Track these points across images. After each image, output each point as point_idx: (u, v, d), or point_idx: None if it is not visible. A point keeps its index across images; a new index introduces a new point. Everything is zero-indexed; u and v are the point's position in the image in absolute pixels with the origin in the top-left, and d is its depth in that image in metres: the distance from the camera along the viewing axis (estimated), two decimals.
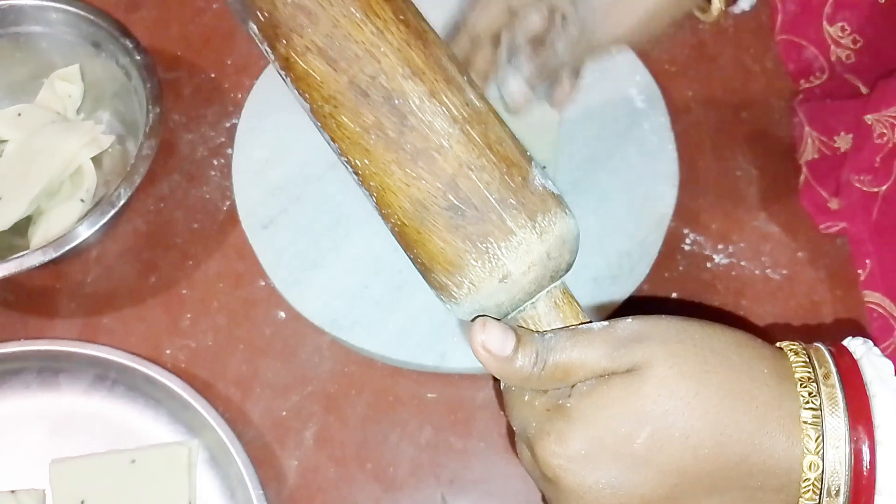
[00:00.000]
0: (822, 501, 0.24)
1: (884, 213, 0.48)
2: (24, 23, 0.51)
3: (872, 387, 0.24)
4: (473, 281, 0.27)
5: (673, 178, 0.48)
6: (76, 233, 0.44)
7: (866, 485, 0.23)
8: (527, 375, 0.27)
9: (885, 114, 0.49)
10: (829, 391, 0.24)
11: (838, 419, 0.23)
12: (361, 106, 0.27)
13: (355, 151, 0.28)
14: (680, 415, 0.25)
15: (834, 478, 0.23)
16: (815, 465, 0.24)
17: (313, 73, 0.28)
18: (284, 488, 0.44)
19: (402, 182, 0.27)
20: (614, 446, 0.25)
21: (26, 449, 0.45)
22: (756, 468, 0.24)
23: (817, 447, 0.24)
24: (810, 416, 0.24)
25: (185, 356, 0.47)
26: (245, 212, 0.48)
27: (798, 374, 0.25)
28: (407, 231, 0.28)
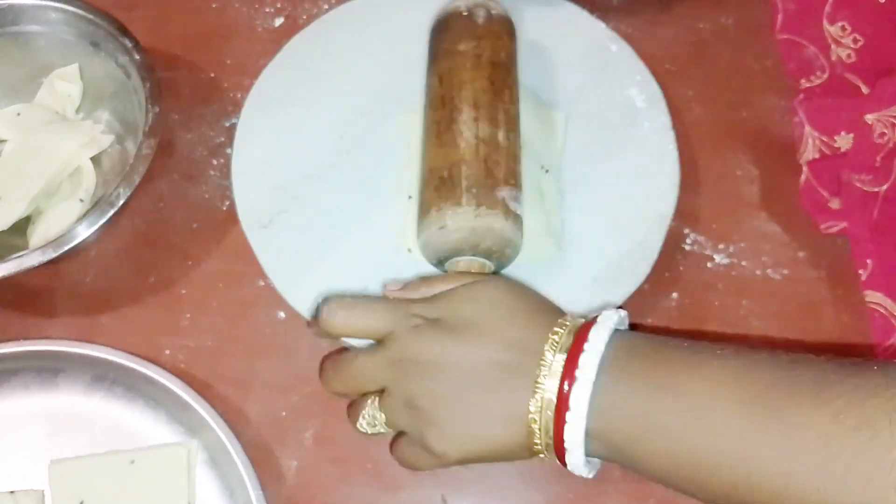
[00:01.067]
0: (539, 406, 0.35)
1: (884, 212, 0.48)
2: (22, 22, 0.51)
3: (586, 345, 0.34)
4: (429, 219, 0.42)
5: (673, 178, 0.48)
6: (75, 232, 0.44)
7: (564, 399, 0.34)
8: (421, 293, 0.40)
9: (885, 113, 0.49)
10: (557, 364, 0.35)
11: (559, 363, 0.34)
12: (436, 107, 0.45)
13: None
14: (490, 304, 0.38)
15: (548, 392, 0.34)
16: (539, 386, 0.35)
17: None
18: (284, 488, 0.44)
19: (432, 150, 0.45)
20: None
21: (25, 449, 0.44)
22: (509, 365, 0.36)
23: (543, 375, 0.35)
24: (540, 383, 0.35)
25: (184, 356, 0.47)
26: (244, 212, 0.48)
27: (549, 345, 0.35)
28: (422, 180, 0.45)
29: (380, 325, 0.38)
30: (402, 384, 0.37)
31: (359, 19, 0.53)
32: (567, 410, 0.33)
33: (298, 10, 0.56)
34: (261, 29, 0.56)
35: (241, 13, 0.56)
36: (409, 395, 0.37)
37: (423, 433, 0.37)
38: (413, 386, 0.37)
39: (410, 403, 0.37)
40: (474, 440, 0.36)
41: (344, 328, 0.39)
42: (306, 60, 0.52)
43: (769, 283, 0.49)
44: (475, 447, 0.36)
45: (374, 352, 0.39)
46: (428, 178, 0.44)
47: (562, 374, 0.34)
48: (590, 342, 0.34)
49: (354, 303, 0.40)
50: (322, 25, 0.53)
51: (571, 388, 0.33)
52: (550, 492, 0.44)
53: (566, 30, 0.52)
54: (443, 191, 0.42)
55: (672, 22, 0.56)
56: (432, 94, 0.46)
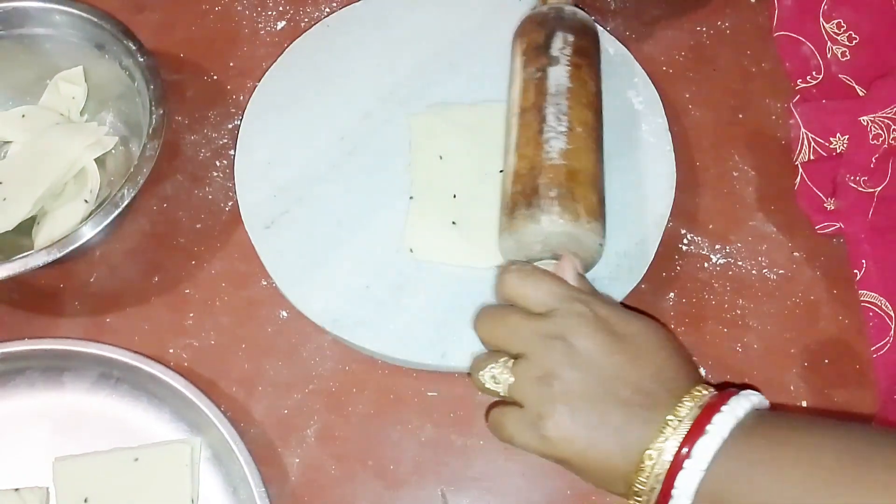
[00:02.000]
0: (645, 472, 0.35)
1: (880, 213, 0.49)
2: (28, 25, 0.51)
3: (724, 407, 0.34)
4: (523, 220, 0.42)
5: (671, 179, 0.49)
6: (80, 233, 0.44)
7: (687, 447, 0.34)
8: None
9: (879, 115, 0.50)
10: (690, 417, 0.35)
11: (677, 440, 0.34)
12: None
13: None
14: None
15: (673, 439, 0.34)
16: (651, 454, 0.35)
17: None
18: (287, 486, 0.45)
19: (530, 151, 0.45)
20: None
21: (30, 447, 0.45)
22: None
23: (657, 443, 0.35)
24: (668, 429, 0.35)
25: (189, 355, 0.47)
26: (248, 212, 0.48)
27: (689, 398, 0.35)
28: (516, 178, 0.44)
29: (548, 297, 0.38)
30: (546, 358, 0.37)
31: (361, 22, 0.54)
32: (687, 458, 0.33)
33: (301, 13, 0.57)
34: (264, 32, 0.56)
35: (244, 17, 0.57)
36: (548, 372, 0.36)
37: (544, 413, 0.36)
38: (556, 365, 0.36)
39: (546, 379, 0.36)
40: (588, 445, 0.35)
41: (513, 288, 0.39)
42: (309, 63, 0.53)
43: (766, 282, 0.49)
44: (584, 452, 0.36)
45: (534, 318, 0.38)
46: (526, 178, 0.43)
47: (693, 424, 0.34)
48: (729, 405, 0.34)
49: (533, 271, 0.40)
50: (324, 29, 0.54)
51: (698, 439, 0.34)
52: (550, 490, 0.45)
53: None
54: (543, 193, 0.42)
55: (670, 25, 0.56)
56: (525, 93, 0.46)
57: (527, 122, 0.45)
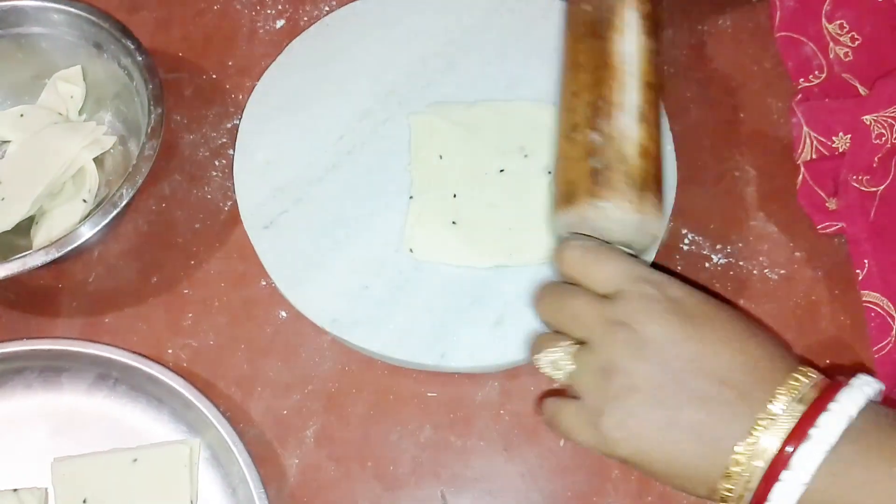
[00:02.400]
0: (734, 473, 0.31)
1: (882, 213, 0.49)
2: (25, 24, 0.51)
3: (832, 405, 0.30)
4: (586, 201, 0.39)
5: (671, 178, 0.49)
6: (78, 233, 0.44)
7: (784, 456, 0.30)
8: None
9: (882, 114, 0.49)
10: (789, 414, 0.30)
11: (776, 438, 0.30)
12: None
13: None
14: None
15: (766, 441, 0.30)
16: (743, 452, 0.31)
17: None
18: (285, 486, 0.45)
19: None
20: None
21: (28, 448, 0.45)
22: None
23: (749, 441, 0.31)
24: (760, 429, 0.30)
25: (187, 355, 0.47)
26: (246, 212, 0.48)
27: (785, 390, 0.31)
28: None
29: (612, 277, 0.35)
30: (610, 347, 0.33)
31: (360, 21, 0.54)
32: (785, 469, 0.29)
33: (300, 12, 0.57)
34: (262, 31, 0.56)
35: (243, 15, 0.57)
36: (611, 362, 0.33)
37: (605, 408, 0.32)
38: (620, 355, 0.32)
39: (609, 371, 0.33)
40: (657, 446, 0.32)
41: (574, 267, 0.36)
42: (308, 62, 0.52)
43: (767, 283, 0.49)
44: (652, 453, 0.32)
45: (598, 300, 0.35)
46: (592, 143, 0.40)
47: (792, 426, 0.30)
48: (838, 402, 0.29)
49: (598, 247, 0.36)
50: (323, 27, 0.53)
51: (800, 446, 0.29)
52: (549, 490, 0.44)
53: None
54: (615, 174, 0.39)
55: (670, 23, 0.56)
56: (589, 56, 0.43)
57: (649, 99, 0.42)
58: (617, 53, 0.42)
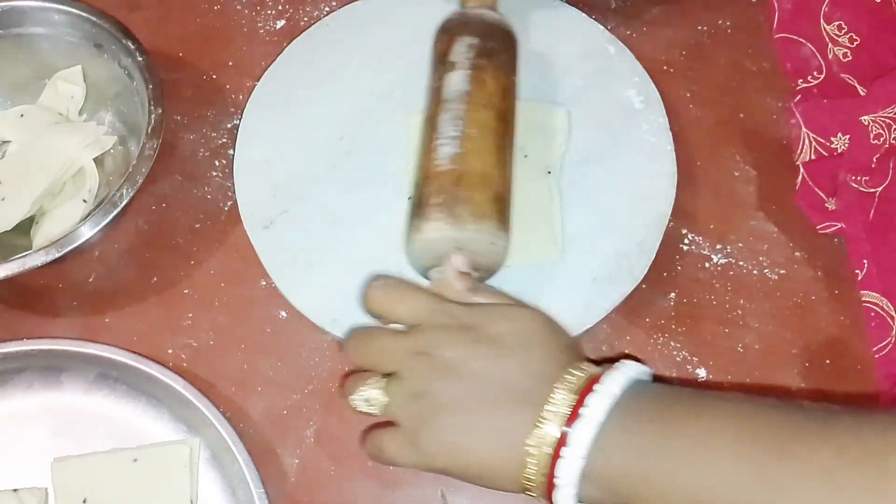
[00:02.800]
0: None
1: (880, 213, 0.49)
2: (25, 24, 0.51)
3: (597, 386, 0.34)
4: (412, 229, 0.42)
5: (671, 179, 0.49)
6: (78, 233, 0.44)
7: (564, 436, 0.33)
8: (458, 291, 0.40)
9: (880, 114, 0.49)
10: (565, 403, 0.34)
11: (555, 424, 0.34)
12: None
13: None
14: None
15: (549, 427, 0.34)
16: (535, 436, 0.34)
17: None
18: (285, 486, 0.45)
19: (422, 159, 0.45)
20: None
21: (28, 447, 0.45)
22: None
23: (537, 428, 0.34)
24: (545, 420, 0.34)
25: (187, 355, 0.47)
26: (246, 212, 0.48)
27: (562, 384, 0.35)
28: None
29: (413, 313, 0.39)
30: (415, 375, 0.37)
31: (359, 22, 0.54)
32: (564, 446, 0.33)
33: (300, 12, 0.57)
34: (262, 31, 0.56)
35: (243, 15, 0.57)
36: (418, 389, 0.37)
37: (419, 430, 0.36)
38: (425, 381, 0.36)
39: (417, 397, 0.36)
40: (466, 453, 0.36)
41: (379, 306, 0.40)
42: (307, 62, 0.52)
43: (766, 282, 0.49)
44: (464, 460, 0.36)
45: (400, 335, 0.39)
46: (418, 185, 0.44)
47: (569, 412, 0.34)
48: (602, 384, 0.34)
49: (396, 286, 0.40)
50: (323, 28, 0.54)
51: (573, 426, 0.33)
52: None
53: (565, 32, 0.53)
54: (427, 201, 0.42)
55: (670, 24, 0.56)
56: (429, 102, 0.46)
57: (426, 132, 0.45)
58: (443, 87, 0.45)
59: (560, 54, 0.52)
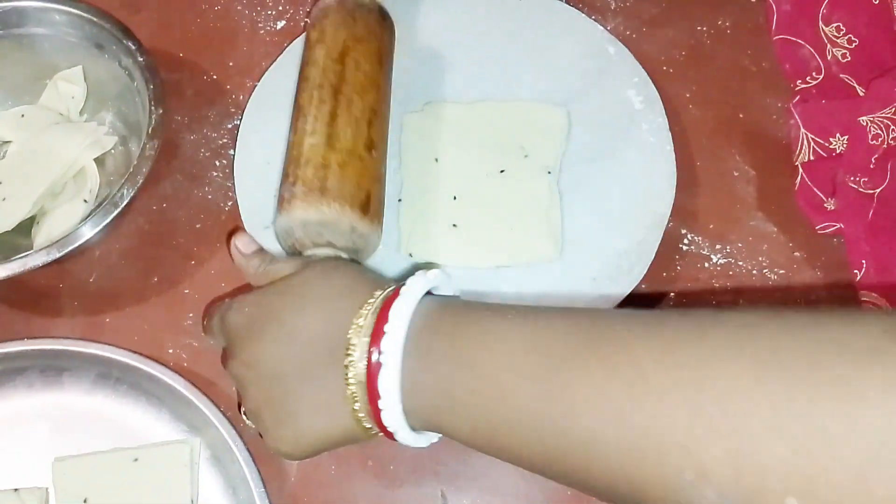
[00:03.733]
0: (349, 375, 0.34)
1: (879, 214, 0.49)
2: (26, 24, 0.51)
3: (386, 327, 0.34)
4: (276, 212, 0.44)
5: (671, 179, 0.49)
6: (79, 233, 0.44)
7: (374, 386, 0.34)
8: (254, 271, 0.42)
9: (879, 115, 0.50)
10: (366, 338, 0.34)
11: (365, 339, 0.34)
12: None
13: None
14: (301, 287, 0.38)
15: (359, 379, 0.34)
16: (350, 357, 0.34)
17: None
18: (286, 486, 0.45)
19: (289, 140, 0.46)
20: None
21: (29, 447, 0.45)
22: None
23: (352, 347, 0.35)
24: (353, 356, 0.34)
25: (188, 355, 0.47)
26: (247, 212, 0.48)
27: (355, 324, 0.35)
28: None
29: (217, 327, 0.40)
30: (239, 386, 0.38)
31: None
32: (379, 398, 0.33)
33: (300, 13, 0.57)
34: (263, 31, 0.56)
35: (243, 16, 0.57)
36: (246, 397, 0.38)
37: (266, 436, 0.38)
38: (242, 391, 0.38)
39: (250, 405, 0.38)
40: (305, 436, 0.36)
41: (209, 333, 0.43)
42: None
43: (766, 283, 0.49)
44: (309, 441, 0.36)
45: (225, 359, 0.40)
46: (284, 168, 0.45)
47: (367, 360, 0.34)
48: (390, 322, 0.33)
49: (210, 313, 0.42)
50: None
51: (378, 375, 0.33)
52: (550, 490, 0.44)
53: (565, 32, 0.53)
54: (285, 183, 0.43)
55: (669, 24, 0.56)
56: (297, 86, 0.47)
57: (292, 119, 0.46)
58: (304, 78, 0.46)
59: (560, 54, 0.53)
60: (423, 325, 0.34)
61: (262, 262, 0.42)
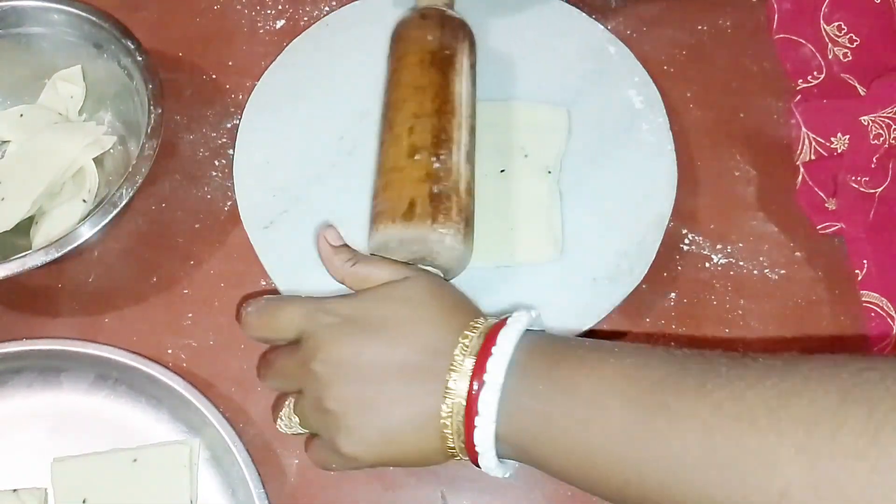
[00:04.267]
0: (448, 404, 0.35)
1: (880, 213, 0.49)
2: (25, 24, 0.51)
3: (494, 349, 0.34)
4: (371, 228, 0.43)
5: (671, 179, 0.49)
6: (78, 233, 0.44)
7: (473, 403, 0.34)
8: (340, 265, 0.40)
9: (880, 115, 0.49)
10: (466, 369, 0.35)
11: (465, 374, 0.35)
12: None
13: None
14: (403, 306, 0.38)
15: (458, 397, 0.34)
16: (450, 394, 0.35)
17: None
18: (285, 486, 0.45)
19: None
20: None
21: (28, 448, 0.45)
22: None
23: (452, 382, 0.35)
24: (451, 391, 0.35)
25: (187, 355, 0.47)
26: (246, 212, 0.48)
27: (459, 351, 0.35)
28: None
29: (292, 325, 0.39)
30: (312, 386, 0.37)
31: (359, 21, 0.54)
32: (476, 415, 0.34)
33: (300, 12, 0.57)
34: (262, 31, 0.56)
35: (243, 15, 0.57)
36: (318, 398, 0.37)
37: (335, 438, 0.36)
38: (322, 388, 0.36)
39: (321, 407, 0.37)
40: (386, 444, 0.36)
41: (258, 330, 0.40)
42: (307, 62, 0.52)
43: (767, 283, 0.49)
44: (388, 450, 0.36)
45: (290, 351, 0.39)
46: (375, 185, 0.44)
47: (471, 377, 0.34)
48: (498, 345, 0.34)
49: (268, 303, 0.40)
50: (323, 27, 0.53)
51: (480, 392, 0.34)
52: (550, 489, 0.44)
53: (565, 31, 0.53)
54: (378, 200, 0.43)
55: (670, 24, 0.56)
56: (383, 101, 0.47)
57: (472, 143, 0.45)
58: (456, 94, 0.45)
59: (560, 54, 0.52)
60: (525, 353, 0.34)
61: (351, 259, 0.41)
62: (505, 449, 0.34)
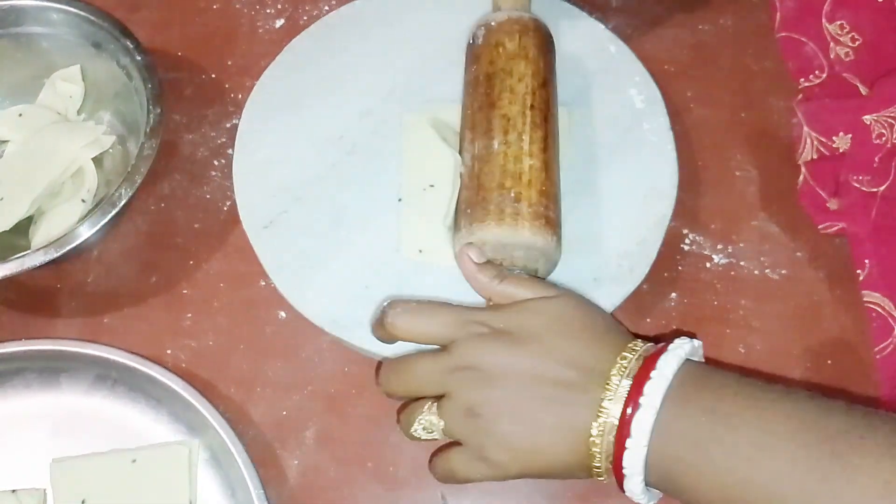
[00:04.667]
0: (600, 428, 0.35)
1: (883, 213, 0.49)
2: (24, 23, 0.51)
3: (653, 373, 0.34)
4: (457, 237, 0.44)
5: (672, 178, 0.48)
6: (77, 233, 0.44)
7: (626, 425, 0.34)
8: (487, 283, 0.40)
9: (883, 114, 0.49)
10: (622, 390, 0.35)
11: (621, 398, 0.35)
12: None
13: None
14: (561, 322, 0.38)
15: (611, 417, 0.35)
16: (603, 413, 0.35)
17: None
18: (285, 488, 0.44)
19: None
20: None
21: (27, 448, 0.45)
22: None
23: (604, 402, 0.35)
24: (604, 409, 0.35)
25: (187, 356, 0.47)
26: (246, 212, 0.48)
27: (616, 370, 0.35)
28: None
29: (444, 331, 0.38)
30: (463, 391, 0.37)
31: (360, 21, 0.53)
32: (628, 437, 0.33)
33: (299, 11, 0.56)
34: (262, 30, 0.56)
35: (242, 14, 0.57)
36: (470, 403, 0.36)
37: (483, 443, 0.36)
38: (475, 394, 0.36)
39: (472, 412, 0.36)
40: (536, 454, 0.36)
41: (408, 332, 0.39)
42: (307, 61, 0.52)
43: (768, 283, 0.49)
44: (536, 461, 0.36)
45: (436, 356, 0.38)
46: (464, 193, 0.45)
47: (626, 399, 0.34)
48: (657, 370, 0.34)
49: (420, 307, 0.40)
50: (323, 27, 0.53)
51: (634, 415, 0.33)
52: (550, 491, 0.44)
53: (565, 31, 0.53)
54: (502, 194, 0.42)
55: (671, 23, 0.56)
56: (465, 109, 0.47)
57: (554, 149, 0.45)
58: (556, 105, 0.46)
59: (560, 53, 0.52)
60: (685, 381, 0.34)
61: (497, 276, 0.40)
62: (652, 474, 0.34)
